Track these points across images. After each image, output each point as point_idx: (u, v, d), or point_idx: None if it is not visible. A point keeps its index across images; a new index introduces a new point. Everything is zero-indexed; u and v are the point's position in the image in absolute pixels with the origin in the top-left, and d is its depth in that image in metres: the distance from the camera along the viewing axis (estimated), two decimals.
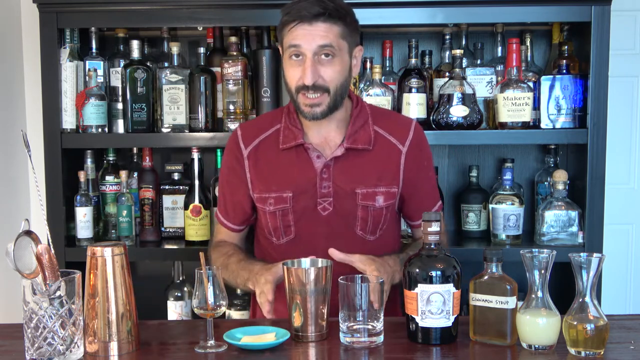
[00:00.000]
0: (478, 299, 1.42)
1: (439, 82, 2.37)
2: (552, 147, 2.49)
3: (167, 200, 2.48)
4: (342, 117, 1.77)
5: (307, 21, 1.64)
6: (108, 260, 1.37)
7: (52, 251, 1.32)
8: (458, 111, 2.25)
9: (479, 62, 2.43)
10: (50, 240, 1.37)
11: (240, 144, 1.82)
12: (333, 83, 1.68)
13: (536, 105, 2.33)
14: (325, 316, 1.45)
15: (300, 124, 1.77)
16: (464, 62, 2.39)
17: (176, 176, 2.49)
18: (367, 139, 1.77)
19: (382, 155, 1.78)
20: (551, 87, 2.30)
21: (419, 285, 1.40)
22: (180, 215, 2.46)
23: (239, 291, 2.42)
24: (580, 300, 1.34)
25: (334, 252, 1.61)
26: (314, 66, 1.65)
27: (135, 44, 2.33)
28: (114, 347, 1.37)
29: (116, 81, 2.41)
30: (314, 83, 1.65)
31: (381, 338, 1.42)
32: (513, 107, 2.23)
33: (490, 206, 2.34)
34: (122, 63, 2.40)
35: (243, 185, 1.82)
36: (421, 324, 1.41)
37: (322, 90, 1.67)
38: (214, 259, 1.83)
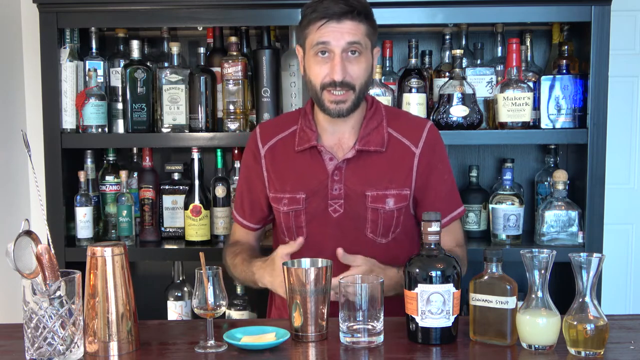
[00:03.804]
0: (478, 299, 1.42)
1: (439, 82, 2.37)
2: (552, 147, 2.49)
3: (167, 200, 2.47)
4: (357, 119, 1.77)
5: (335, 19, 1.65)
6: (108, 260, 1.37)
7: (52, 251, 1.33)
8: (458, 111, 2.25)
9: (479, 62, 2.43)
10: (50, 240, 1.37)
11: (258, 142, 1.84)
12: (359, 80, 1.69)
13: (536, 105, 2.33)
14: (325, 316, 1.45)
15: (315, 125, 1.78)
16: (464, 62, 2.39)
17: (176, 176, 2.49)
18: (379, 141, 1.76)
19: (395, 158, 1.77)
20: (551, 87, 2.30)
21: (419, 285, 1.40)
22: (180, 215, 2.46)
23: (239, 291, 2.42)
24: (580, 300, 1.34)
25: (339, 252, 1.61)
26: (343, 62, 1.66)
27: (135, 44, 2.33)
28: (114, 347, 1.38)
29: (116, 81, 2.41)
30: (342, 80, 1.66)
31: (381, 338, 1.42)
32: (513, 107, 2.23)
33: (490, 206, 2.34)
34: (122, 63, 2.40)
35: (260, 183, 1.84)
36: (421, 324, 1.41)
37: (348, 87, 1.68)
38: (226, 259, 1.87)
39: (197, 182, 2.38)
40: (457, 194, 1.88)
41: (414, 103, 2.30)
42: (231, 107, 2.32)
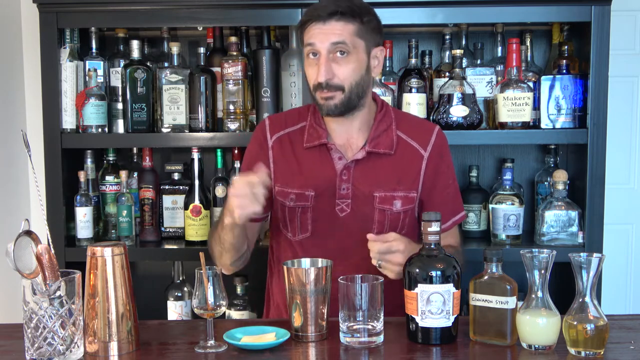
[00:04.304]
0: (478, 299, 1.42)
1: (439, 82, 2.37)
2: (552, 147, 2.49)
3: (167, 200, 2.47)
4: (365, 120, 1.78)
5: (321, 20, 1.66)
6: (108, 260, 1.37)
7: (52, 251, 1.33)
8: (458, 111, 2.25)
9: (479, 62, 2.43)
10: (50, 240, 1.37)
11: (267, 132, 1.83)
12: (347, 81, 1.68)
13: (536, 105, 2.33)
14: (325, 316, 1.45)
15: (324, 123, 1.79)
16: (464, 62, 2.39)
17: (176, 176, 2.49)
18: (389, 143, 1.77)
19: (404, 160, 1.78)
20: (551, 87, 2.30)
21: (419, 285, 1.40)
22: (180, 215, 2.46)
23: (239, 291, 2.42)
24: (580, 300, 1.34)
25: (370, 236, 1.57)
26: (327, 64, 1.66)
27: (135, 44, 2.33)
28: (114, 347, 1.38)
29: (116, 81, 2.41)
30: (328, 81, 1.66)
31: (381, 338, 1.42)
32: (513, 107, 2.23)
33: (490, 206, 2.34)
34: (122, 63, 2.40)
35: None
36: (421, 324, 1.41)
37: (335, 89, 1.67)
38: (210, 233, 1.85)
39: (197, 182, 2.38)
40: (460, 199, 1.89)
41: (414, 103, 2.30)
42: (231, 107, 2.32)
